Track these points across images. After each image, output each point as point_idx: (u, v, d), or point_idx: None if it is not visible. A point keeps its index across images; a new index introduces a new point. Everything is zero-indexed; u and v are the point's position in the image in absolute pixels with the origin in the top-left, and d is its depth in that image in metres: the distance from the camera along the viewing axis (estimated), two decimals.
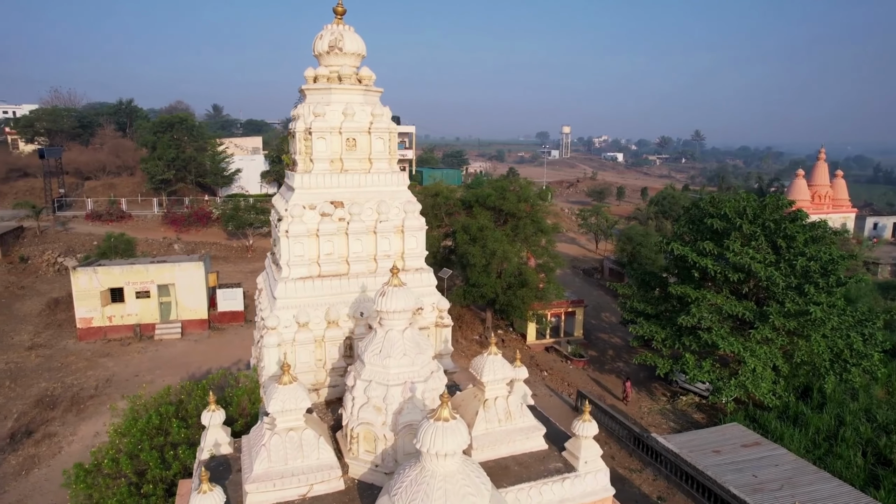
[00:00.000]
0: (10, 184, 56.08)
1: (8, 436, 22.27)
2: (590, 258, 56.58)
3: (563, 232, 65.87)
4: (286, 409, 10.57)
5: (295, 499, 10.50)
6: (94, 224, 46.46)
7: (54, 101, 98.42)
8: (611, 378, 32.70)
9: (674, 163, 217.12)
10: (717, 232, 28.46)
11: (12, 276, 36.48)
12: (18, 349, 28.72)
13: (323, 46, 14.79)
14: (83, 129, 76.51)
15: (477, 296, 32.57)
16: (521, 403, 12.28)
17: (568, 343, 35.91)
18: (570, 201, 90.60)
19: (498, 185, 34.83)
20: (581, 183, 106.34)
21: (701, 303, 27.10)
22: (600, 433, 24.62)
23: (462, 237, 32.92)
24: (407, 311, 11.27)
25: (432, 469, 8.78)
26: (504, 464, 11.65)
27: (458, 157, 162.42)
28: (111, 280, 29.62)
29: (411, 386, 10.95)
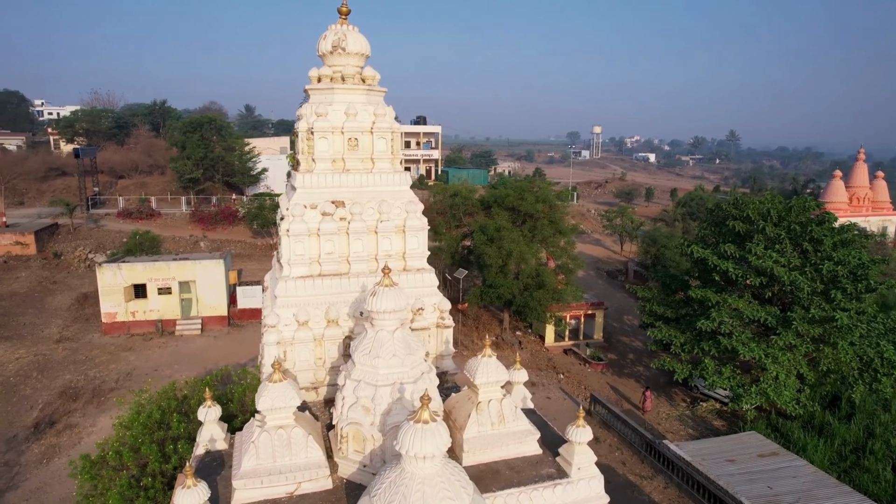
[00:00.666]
0: (48, 182, 58.17)
1: (32, 425, 23.08)
2: (614, 260, 55.72)
3: (588, 233, 65.14)
4: (275, 407, 10.64)
5: (282, 496, 10.56)
6: (124, 221, 47.84)
7: (94, 103, 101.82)
8: (629, 382, 32.13)
9: (707, 163, 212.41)
10: (739, 234, 27.71)
11: (45, 272, 37.81)
12: (47, 342, 29.75)
13: (326, 47, 14.86)
14: (119, 130, 78.89)
15: (494, 297, 32.39)
16: (516, 407, 12.11)
17: (587, 346, 35.42)
18: (597, 202, 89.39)
19: (517, 186, 34.56)
20: (609, 184, 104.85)
21: (721, 307, 26.39)
22: (612, 438, 24.26)
23: (479, 237, 32.79)
24: (397, 311, 11.22)
25: (411, 471, 8.72)
26: (495, 468, 11.51)
27: (486, 157, 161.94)
28: (134, 276, 30.45)
29: (400, 387, 10.90)
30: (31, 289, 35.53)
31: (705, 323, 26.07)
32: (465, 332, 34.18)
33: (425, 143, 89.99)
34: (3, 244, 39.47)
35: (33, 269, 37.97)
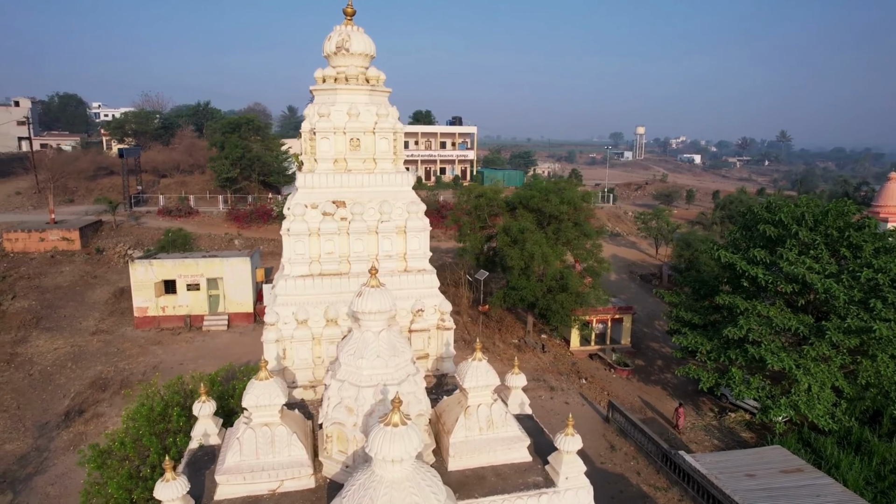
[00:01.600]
0: (97, 181, 60.79)
1: (63, 413, 24.12)
2: (648, 263, 54.34)
3: (624, 236, 63.72)
4: (260, 405, 10.74)
5: (264, 493, 10.65)
6: (164, 219, 49.54)
7: (144, 105, 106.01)
8: (655, 390, 31.25)
9: (756, 165, 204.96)
10: (771, 239, 26.57)
11: (88, 266, 39.50)
12: (84, 333, 31.07)
13: (331, 47, 14.93)
14: (164, 131, 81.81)
15: (517, 299, 32.04)
16: (506, 412, 11.88)
17: (613, 351, 34.65)
18: (636, 204, 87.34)
19: (542, 187, 34.09)
20: (650, 185, 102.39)
21: (750, 314, 25.35)
22: (629, 447, 23.61)
23: (503, 239, 32.51)
24: (383, 312, 11.15)
25: (380, 475, 8.65)
26: (481, 473, 11.31)
27: (525, 158, 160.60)
28: (164, 272, 31.47)
29: (383, 388, 10.84)
30: (74, 282, 37.18)
31: (732, 330, 25.11)
32: (488, 333, 33.94)
33: (461, 143, 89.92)
34: (51, 240, 41.46)
35: (77, 264, 39.74)
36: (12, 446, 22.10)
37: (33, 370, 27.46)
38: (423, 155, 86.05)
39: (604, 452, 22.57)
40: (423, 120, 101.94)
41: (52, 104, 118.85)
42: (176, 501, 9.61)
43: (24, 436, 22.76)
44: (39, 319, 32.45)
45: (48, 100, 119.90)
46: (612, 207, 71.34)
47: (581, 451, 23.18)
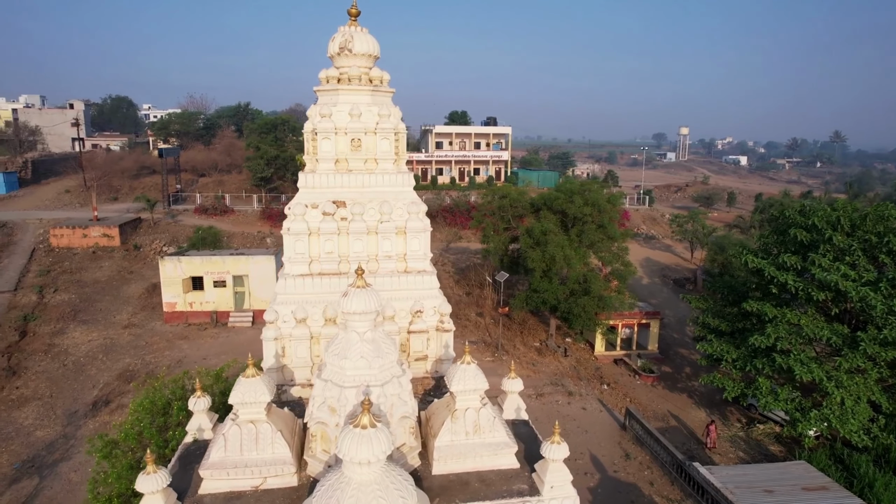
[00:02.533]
0: (140, 180, 63.15)
1: (91, 403, 25.10)
2: (683, 267, 52.81)
3: (659, 238, 62.15)
4: (246, 402, 10.84)
5: (247, 489, 10.75)
6: (200, 217, 51.01)
7: (189, 106, 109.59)
8: (681, 398, 30.30)
9: (807, 167, 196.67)
10: (804, 244, 25.40)
11: (125, 262, 41.04)
12: (116, 327, 32.28)
13: (334, 48, 15.00)
14: (206, 131, 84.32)
15: (539, 301, 31.60)
16: (494, 417, 11.67)
17: (638, 357, 33.80)
18: (675, 206, 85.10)
19: (566, 188, 33.52)
20: (690, 187, 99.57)
21: (779, 322, 24.29)
22: (644, 456, 22.95)
23: (526, 241, 32.11)
24: (368, 313, 11.10)
25: (349, 476, 8.61)
26: (466, 479, 11.14)
27: (563, 159, 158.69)
28: (192, 269, 32.39)
29: (365, 389, 10.80)
30: (111, 277, 38.67)
31: (759, 338, 24.13)
32: (509, 336, 33.60)
33: (495, 144, 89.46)
34: (93, 236, 43.26)
35: (115, 260, 41.32)
36: (43, 433, 23.10)
37: (67, 361, 28.69)
38: (456, 155, 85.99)
39: (618, 461, 22.01)
40: (459, 120, 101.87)
41: (105, 106, 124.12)
42: (156, 494, 9.81)
43: (54, 423, 23.78)
44: (77, 312, 33.89)
45: (102, 102, 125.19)
46: (648, 210, 69.69)
47: (594, 458, 22.80)
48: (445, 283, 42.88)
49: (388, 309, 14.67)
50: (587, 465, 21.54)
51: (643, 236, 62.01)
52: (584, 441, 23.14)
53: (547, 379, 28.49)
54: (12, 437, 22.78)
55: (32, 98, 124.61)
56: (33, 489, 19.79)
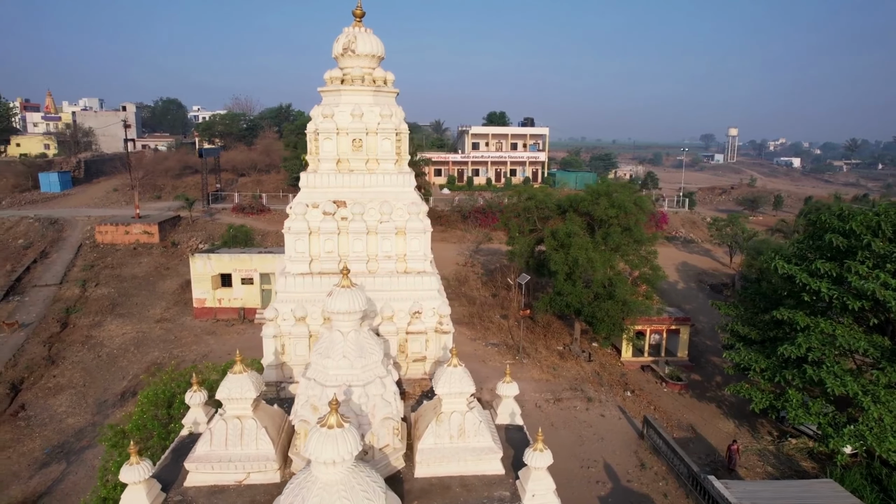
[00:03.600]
0: (182, 179, 65.45)
1: (120, 393, 26.11)
2: (721, 272, 51.04)
3: (698, 242, 60.26)
4: (232, 398, 11.01)
5: (231, 484, 10.91)
6: (237, 216, 52.41)
7: (234, 108, 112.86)
8: (709, 408, 29.27)
9: (867, 169, 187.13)
10: (840, 250, 24.10)
11: (162, 259, 42.57)
12: (149, 321, 33.48)
13: (338, 49, 15.11)
14: (248, 132, 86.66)
15: (562, 305, 31.10)
16: (480, 421, 11.48)
17: (666, 364, 32.82)
18: (718, 209, 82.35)
19: (594, 190, 32.86)
20: (735, 190, 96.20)
21: (812, 332, 23.14)
22: (661, 466, 22.23)
23: (550, 243, 31.67)
24: (353, 312, 11.12)
25: (315, 476, 8.61)
26: (447, 483, 11.00)
27: (605, 160, 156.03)
28: (221, 266, 33.29)
29: (347, 389, 10.81)
30: (149, 273, 40.17)
31: (789, 348, 23.06)
32: (531, 339, 33.17)
33: (532, 144, 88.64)
34: (134, 233, 45.05)
35: (154, 256, 42.90)
36: (73, 420, 24.16)
37: (102, 352, 29.94)
38: (492, 156, 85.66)
39: (632, 470, 21.39)
40: (497, 121, 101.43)
41: (157, 108, 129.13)
42: (139, 484, 10.07)
43: (84, 412, 24.85)
44: (115, 306, 35.34)
45: (153, 105, 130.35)
46: (688, 212, 67.66)
47: (608, 466, 22.26)
48: (473, 284, 42.72)
49: (386, 309, 14.68)
50: (600, 473, 21.02)
51: (681, 240, 60.27)
52: (598, 448, 22.60)
53: (566, 384, 27.98)
54: (46, 423, 23.91)
55: (92, 101, 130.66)
56: (60, 473, 20.71)
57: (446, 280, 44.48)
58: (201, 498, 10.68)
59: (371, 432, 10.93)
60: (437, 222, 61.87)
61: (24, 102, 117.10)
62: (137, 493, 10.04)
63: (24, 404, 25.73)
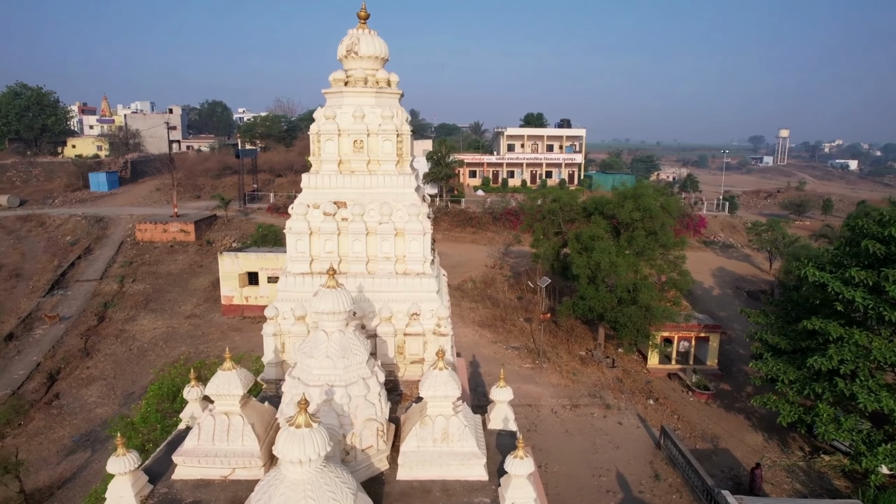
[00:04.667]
0: (221, 179, 67.41)
1: (146, 386, 26.95)
2: (759, 279, 49.17)
3: (738, 247, 58.24)
4: (220, 394, 11.20)
5: (216, 478, 11.09)
6: (272, 215, 53.59)
7: (276, 110, 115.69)
8: (737, 419, 28.21)
9: None
10: (878, 258, 22.84)
11: (197, 256, 43.91)
12: (179, 317, 34.57)
13: (342, 51, 15.25)
14: (288, 134, 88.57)
15: (585, 309, 30.54)
16: (464, 426, 11.32)
17: (694, 372, 31.80)
18: (762, 213, 79.40)
19: (619, 192, 32.16)
20: (782, 193, 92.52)
21: (845, 343, 22.00)
22: (676, 479, 21.52)
23: (574, 245, 31.17)
24: (337, 312, 11.15)
25: (284, 475, 8.65)
26: (428, 487, 10.91)
27: (647, 162, 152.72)
28: (248, 265, 34.08)
29: (328, 389, 10.85)
30: (183, 270, 41.52)
31: (819, 360, 22.00)
32: (554, 343, 32.67)
33: (568, 146, 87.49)
34: (171, 231, 46.68)
35: (189, 254, 44.31)
36: (101, 410, 25.15)
37: (133, 346, 31.10)
38: (528, 158, 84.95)
39: (645, 481, 20.77)
40: (535, 122, 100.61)
41: (203, 110, 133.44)
42: (125, 475, 10.36)
43: (112, 402, 25.83)
44: (149, 301, 36.65)
45: (200, 107, 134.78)
46: (728, 216, 65.46)
47: (620, 476, 21.69)
48: (499, 286, 42.42)
49: (384, 310, 14.70)
50: (612, 482, 20.49)
51: (719, 244, 58.37)
52: (612, 457, 22.04)
53: (585, 390, 27.44)
54: (76, 413, 24.98)
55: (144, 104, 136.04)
56: (84, 461, 21.57)
57: (472, 282, 44.42)
58: (187, 491, 10.91)
59: (353, 433, 10.95)
60: (468, 224, 61.83)
61: (82, 106, 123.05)
62: (123, 484, 10.32)
63: (59, 393, 26.97)
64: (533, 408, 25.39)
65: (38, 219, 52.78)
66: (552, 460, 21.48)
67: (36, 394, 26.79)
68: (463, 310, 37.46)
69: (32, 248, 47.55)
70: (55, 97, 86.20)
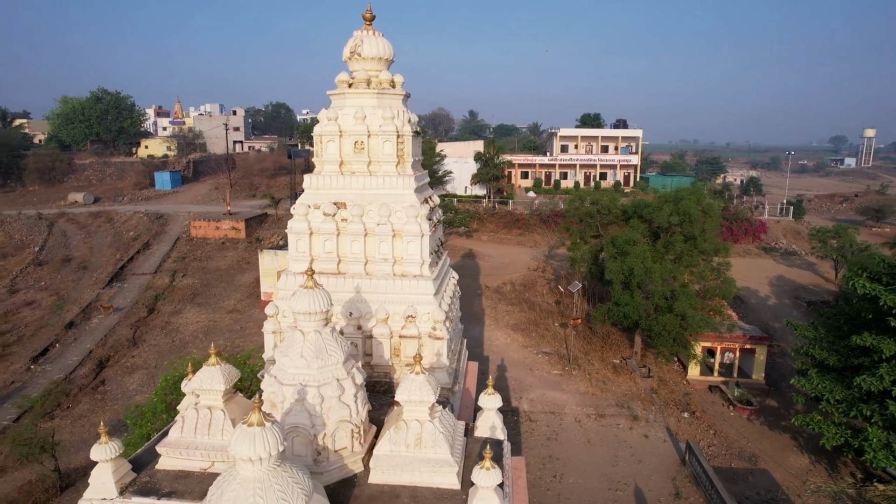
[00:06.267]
0: (276, 179, 69.66)
1: None
2: (823, 289, 45.98)
3: (801, 255, 54.75)
4: (203, 389, 11.50)
5: (196, 470, 11.36)
6: None
7: None
8: (781, 438, 26.45)
9: None
10: None
11: (245, 253, 45.50)
12: (222, 311, 35.92)
13: (346, 53, 15.35)
14: None
15: (620, 315, 29.48)
16: (438, 433, 11.10)
17: (737, 385, 30.09)
18: (835, 219, 74.22)
19: (659, 195, 30.84)
20: (861, 198, 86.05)
21: None
22: (699, 498, 20.36)
23: (609, 250, 30.16)
24: (314, 313, 11.19)
25: (236, 471, 8.77)
26: (398, 492, 10.77)
27: (712, 164, 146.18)
28: (286, 262, 34.82)
29: (301, 389, 10.90)
30: (230, 266, 43.16)
31: (868, 380, 20.33)
32: (587, 349, 31.70)
33: (624, 147, 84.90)
34: (223, 228, 48.66)
35: (238, 251, 46.01)
36: (139, 398, 26.42)
37: (176, 338, 32.57)
38: (581, 159, 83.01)
39: (665, 498, 19.74)
40: (591, 123, 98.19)
41: (267, 112, 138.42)
42: (108, 463, 10.79)
43: (150, 391, 27.01)
44: (196, 295, 38.31)
45: (264, 109, 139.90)
46: (792, 222, 61.64)
47: (639, 491, 20.82)
48: (539, 289, 41.65)
49: (381, 312, 14.67)
50: (628, 497, 19.60)
51: (780, 251, 55.05)
52: (633, 471, 21.10)
53: (613, 399, 26.44)
54: (118, 399, 26.41)
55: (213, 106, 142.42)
56: None
57: (512, 284, 43.83)
58: (166, 481, 11.23)
59: (325, 434, 10.96)
60: (515, 225, 61.11)
61: (157, 109, 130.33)
62: (105, 471, 10.74)
63: (105, 380, 28.61)
64: (556, 415, 24.71)
65: (107, 215, 56.32)
66: (568, 471, 20.81)
67: (85, 379, 28.54)
68: (499, 312, 37.01)
69: (100, 242, 50.77)
70: (131, 101, 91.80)
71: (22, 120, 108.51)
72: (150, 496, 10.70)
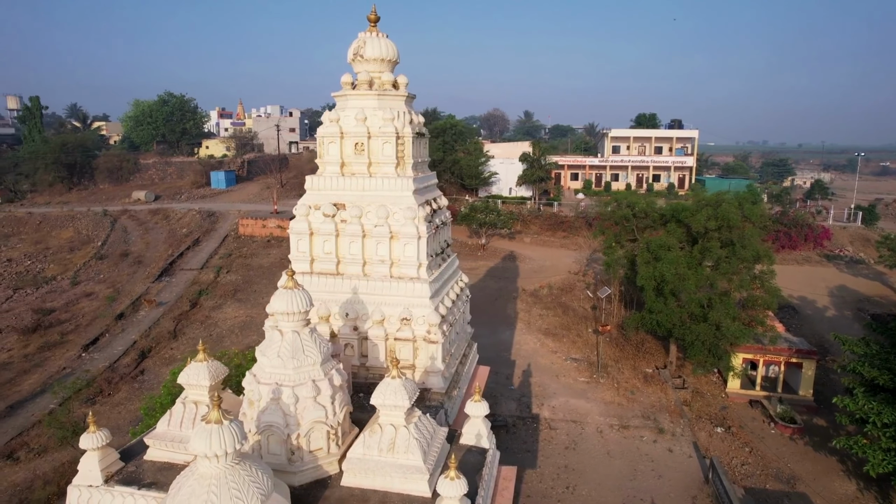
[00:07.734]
0: None
1: None
2: (891, 301, 42.71)
3: (868, 263, 51.08)
4: (190, 384, 11.81)
5: (181, 463, 11.64)
6: None
7: None
8: (826, 461, 24.67)
9: None
10: None
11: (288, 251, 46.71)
12: (259, 307, 36.87)
13: (350, 54, 15.43)
14: None
15: (653, 323, 28.39)
16: (413, 439, 10.93)
17: (779, 401, 28.31)
18: None
19: (699, 199, 29.45)
20: None
21: None
22: None
23: (643, 255, 29.09)
24: (292, 313, 11.27)
25: (195, 467, 8.91)
26: (367, 496, 10.68)
27: (779, 166, 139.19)
28: None
29: (276, 388, 10.98)
30: (273, 264, 44.37)
31: None
32: (618, 357, 30.64)
33: (678, 148, 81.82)
34: (269, 227, 50.16)
35: (282, 249, 47.24)
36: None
37: (214, 332, 33.77)
38: (633, 160, 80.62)
39: None
40: (647, 123, 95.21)
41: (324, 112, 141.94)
42: (95, 451, 11.21)
43: None
44: (237, 292, 39.62)
45: (321, 109, 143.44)
46: (860, 228, 57.55)
47: None
48: (577, 293, 40.68)
49: (376, 313, 14.65)
50: None
51: (845, 259, 51.53)
52: (651, 487, 20.16)
53: (640, 411, 25.39)
54: (153, 388, 27.58)
55: (274, 108, 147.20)
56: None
57: (549, 288, 42.95)
58: (151, 472, 11.58)
59: (298, 434, 11.00)
60: (559, 227, 59.96)
61: (220, 111, 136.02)
62: (91, 459, 11.18)
63: (144, 370, 30.01)
64: (577, 424, 23.98)
65: (164, 212, 59.22)
66: (583, 482, 20.12)
67: (126, 368, 30.04)
68: (532, 316, 36.38)
69: (156, 238, 53.43)
70: (194, 104, 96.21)
71: (100, 122, 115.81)
72: (132, 486, 11.06)
